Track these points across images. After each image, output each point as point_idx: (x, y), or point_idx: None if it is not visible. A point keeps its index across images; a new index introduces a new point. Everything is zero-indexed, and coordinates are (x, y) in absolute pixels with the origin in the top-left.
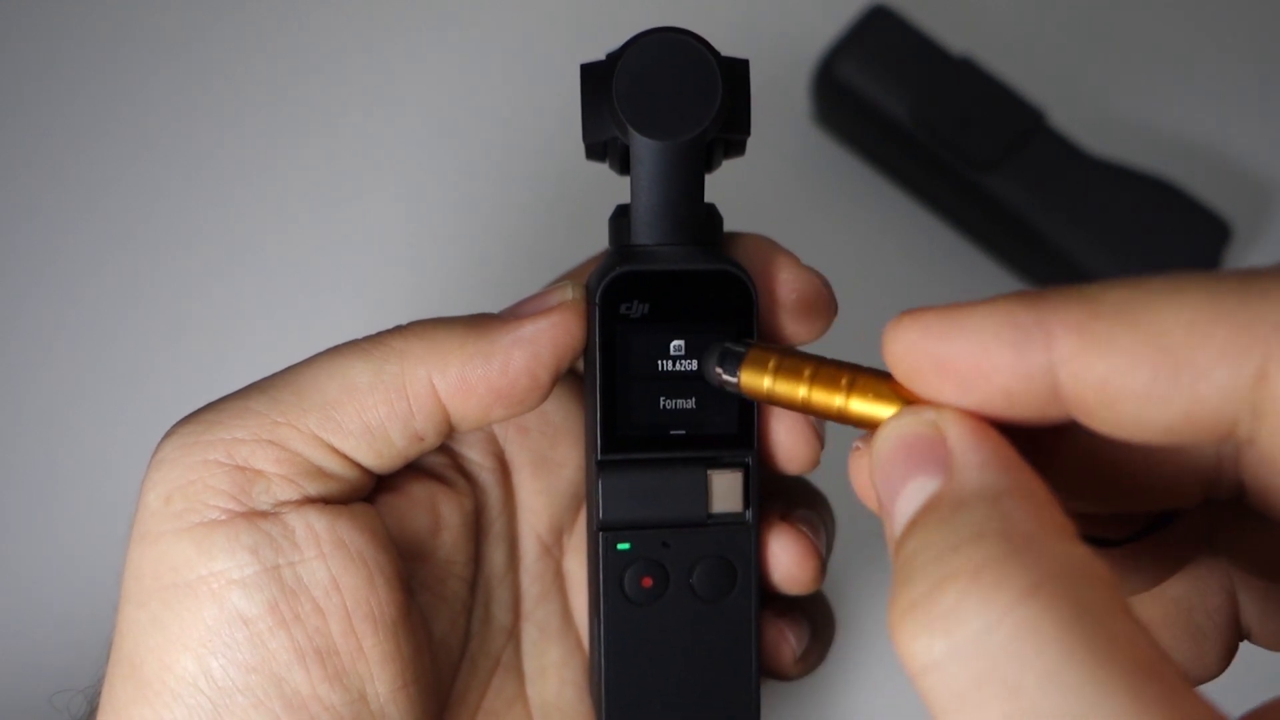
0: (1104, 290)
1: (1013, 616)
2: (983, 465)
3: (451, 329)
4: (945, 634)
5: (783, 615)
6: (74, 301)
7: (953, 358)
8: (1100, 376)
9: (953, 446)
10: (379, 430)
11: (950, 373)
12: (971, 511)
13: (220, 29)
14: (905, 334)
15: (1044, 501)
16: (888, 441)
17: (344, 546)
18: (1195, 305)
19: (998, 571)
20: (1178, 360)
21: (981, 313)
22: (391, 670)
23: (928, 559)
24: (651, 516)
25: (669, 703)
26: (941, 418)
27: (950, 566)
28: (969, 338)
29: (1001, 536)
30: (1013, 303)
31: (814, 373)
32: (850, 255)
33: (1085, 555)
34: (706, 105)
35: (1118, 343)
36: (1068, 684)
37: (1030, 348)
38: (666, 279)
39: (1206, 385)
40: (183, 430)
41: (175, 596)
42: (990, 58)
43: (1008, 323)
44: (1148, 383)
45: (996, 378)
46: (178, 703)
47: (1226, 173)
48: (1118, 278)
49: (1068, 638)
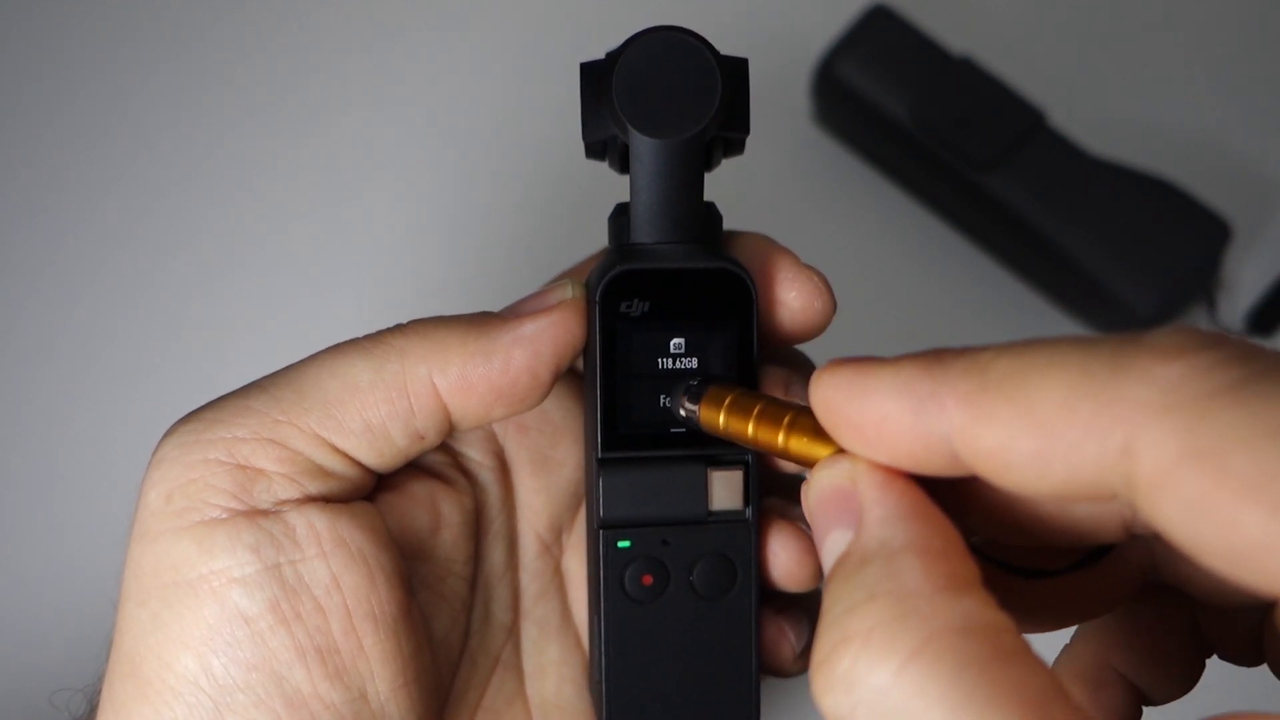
0: (993, 359)
1: (902, 677)
2: (883, 520)
3: (452, 327)
4: (846, 693)
5: (783, 613)
6: (73, 300)
7: (860, 417)
8: (988, 447)
9: (862, 500)
10: (380, 429)
11: (859, 430)
12: (869, 570)
13: (219, 29)
14: (822, 388)
15: (940, 553)
16: (813, 490)
17: (345, 545)
18: (1068, 380)
19: (884, 635)
20: (1051, 435)
21: (887, 376)
22: (392, 669)
23: (831, 619)
24: (652, 514)
25: (669, 700)
26: (856, 469)
27: (847, 629)
28: (873, 401)
29: (892, 598)
30: (914, 368)
31: (760, 411)
32: (850, 255)
33: (973, 607)
34: (706, 104)
35: (1001, 417)
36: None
37: (927, 417)
38: (666, 277)
39: (1079, 459)
40: (183, 429)
41: (176, 595)
42: (990, 58)
43: (906, 391)
44: (1029, 454)
45: (900, 440)
46: (178, 701)
47: (1226, 173)
48: (1008, 344)
49: (951, 694)
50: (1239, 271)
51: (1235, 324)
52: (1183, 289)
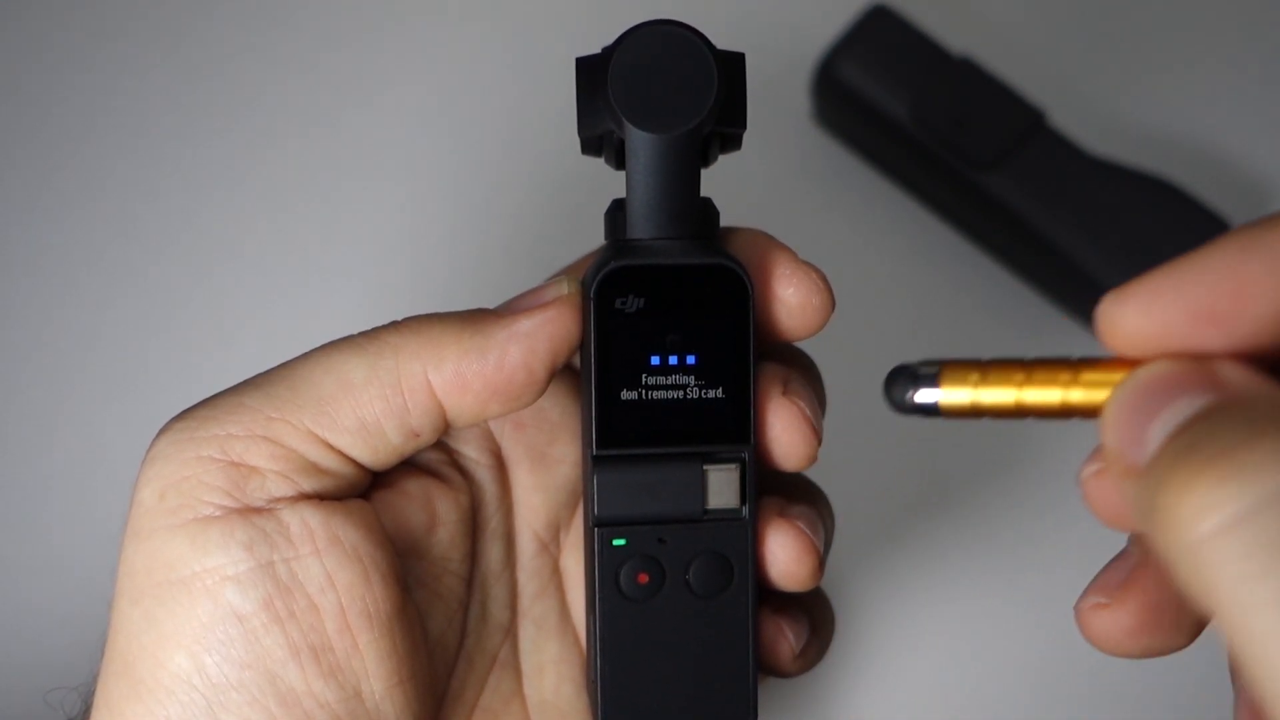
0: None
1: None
2: (1255, 382)
3: (447, 324)
4: (1256, 486)
5: (781, 611)
6: (66, 298)
7: (1208, 299)
8: None
9: (1219, 369)
10: (374, 426)
11: (1209, 315)
12: (1260, 404)
13: (214, 23)
14: (1133, 302)
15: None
16: (1140, 377)
17: (339, 543)
18: None
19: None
20: None
21: (1213, 249)
22: (387, 667)
23: (1222, 428)
24: (647, 512)
25: (666, 699)
26: (1200, 360)
27: (1259, 426)
28: (1219, 273)
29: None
30: (1244, 231)
31: (1028, 374)
32: (850, 255)
33: None
34: (702, 98)
35: None
36: None
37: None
38: (662, 273)
39: None
40: (177, 426)
41: (169, 593)
42: (990, 58)
43: (1253, 244)
44: None
45: (1264, 303)
46: (172, 700)
47: (1226, 173)
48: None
49: None
50: None
51: None
52: None
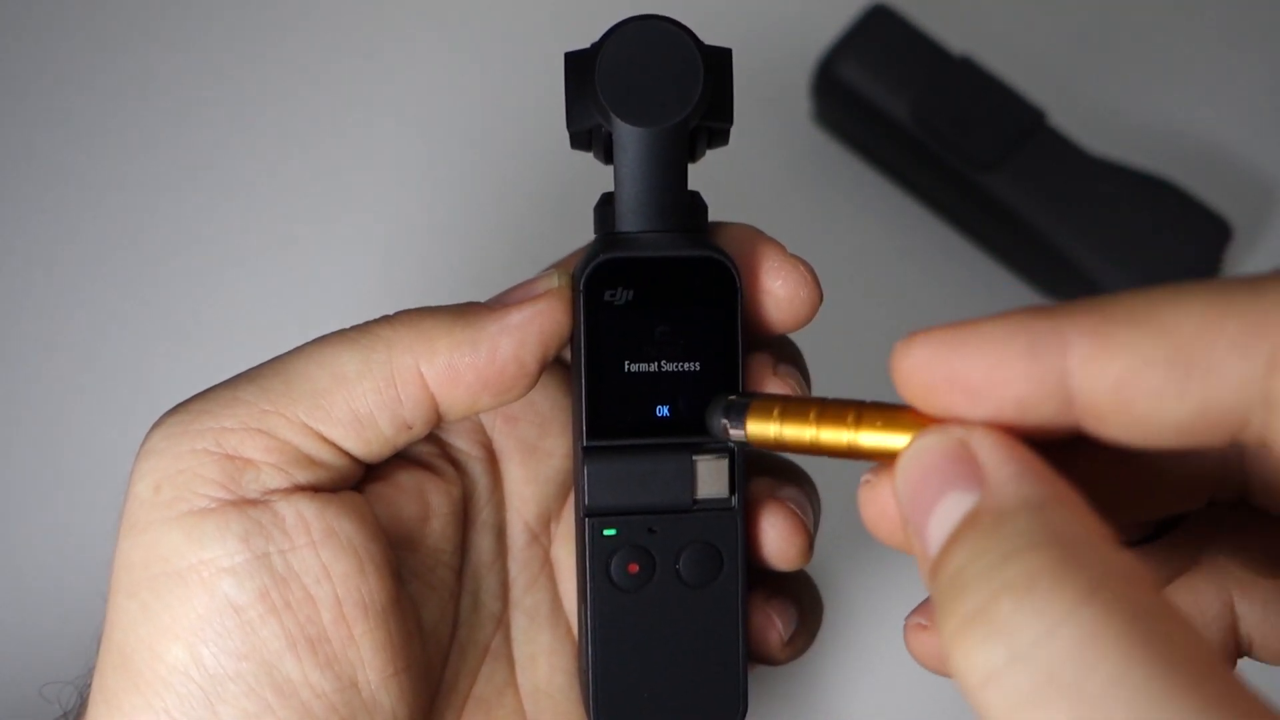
0: (1115, 298)
1: (1071, 621)
2: (1018, 476)
3: (439, 317)
4: (1005, 643)
5: (770, 600)
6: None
7: (966, 370)
8: (1114, 379)
9: (984, 461)
10: (367, 418)
11: (963, 386)
12: (1017, 521)
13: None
14: (916, 351)
15: (1084, 509)
16: (915, 460)
17: (334, 534)
18: (1205, 304)
19: (1052, 578)
20: (1190, 357)
21: (994, 324)
22: (382, 657)
23: (979, 570)
24: (637, 502)
25: (657, 688)
26: (969, 434)
27: (1004, 576)
28: (983, 348)
29: (1052, 543)
30: (1025, 313)
31: (819, 412)
32: (850, 255)
33: (1131, 559)
34: (688, 92)
35: (1131, 344)
36: (1133, 686)
37: (1045, 354)
38: (650, 266)
39: (1218, 379)
40: (172, 420)
41: (165, 585)
42: (990, 58)
43: (1022, 331)
44: (1161, 382)
45: (1010, 387)
46: (169, 691)
47: (1226, 173)
48: (1127, 289)
49: (1128, 640)
50: (1239, 272)
51: None
52: None
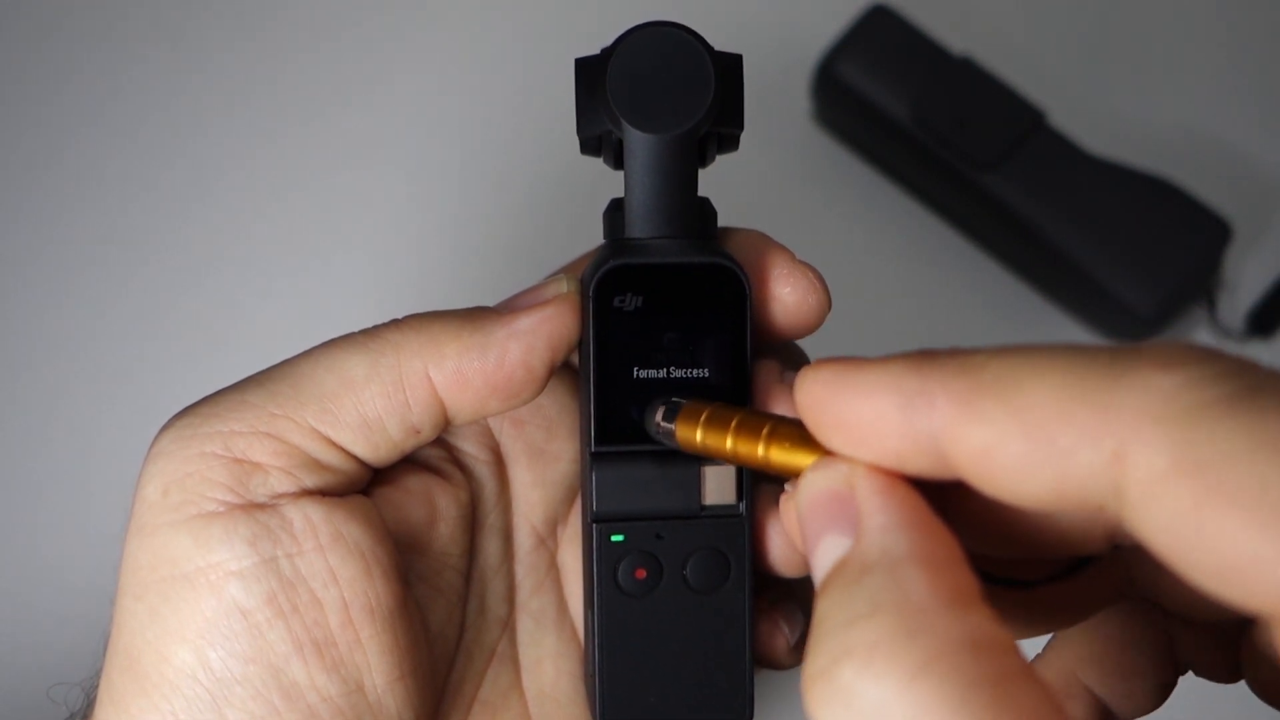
0: (987, 361)
1: (906, 694)
2: (886, 528)
3: (447, 322)
4: (845, 707)
5: (777, 605)
6: (68, 296)
7: (849, 415)
8: (977, 447)
9: (860, 505)
10: (375, 423)
11: (846, 429)
12: (871, 580)
13: (213, 20)
14: (808, 385)
15: (944, 564)
16: (804, 493)
17: (341, 538)
18: (1063, 384)
19: (889, 650)
20: (1043, 438)
21: (875, 373)
22: (389, 661)
23: (829, 629)
24: (645, 508)
25: (663, 693)
26: (854, 473)
27: (847, 642)
28: (860, 398)
29: (896, 611)
30: (903, 367)
31: (738, 424)
32: (850, 255)
33: (979, 623)
34: (699, 99)
35: (992, 416)
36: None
37: (915, 414)
38: (659, 272)
39: (1069, 464)
40: (180, 423)
41: (173, 588)
42: (990, 58)
43: (895, 387)
44: (1018, 456)
45: (887, 439)
46: (176, 694)
47: (1226, 173)
48: (1001, 346)
49: (957, 713)
50: (1239, 271)
51: (1235, 324)
52: (1183, 289)
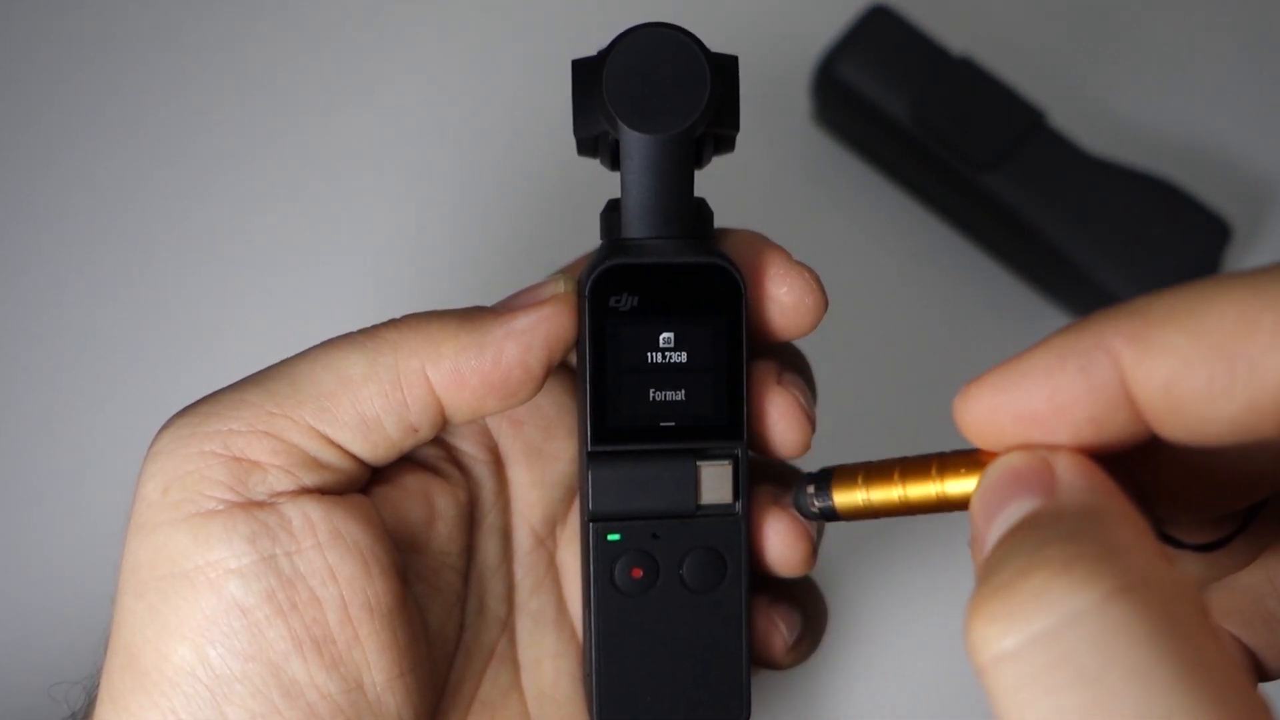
0: (1151, 300)
1: (1102, 610)
2: (1085, 489)
3: (445, 321)
4: (1026, 620)
5: (775, 604)
6: (66, 295)
7: (1030, 405)
8: (1163, 382)
9: (1059, 473)
10: (374, 422)
11: (1031, 419)
12: (1070, 519)
13: (213, 19)
14: (975, 401)
15: (1142, 528)
16: (994, 471)
17: (340, 537)
18: (1240, 299)
19: (1091, 566)
20: (1230, 354)
21: (1038, 354)
22: (388, 659)
23: (1019, 549)
24: (641, 508)
25: (660, 693)
26: (1051, 452)
27: (1042, 555)
28: (1037, 380)
29: (1098, 539)
30: (1064, 335)
31: (902, 471)
32: (850, 255)
33: (1176, 574)
34: (695, 99)
35: (1173, 346)
36: (1154, 683)
37: (1096, 368)
38: (655, 272)
39: (1261, 375)
40: (179, 422)
41: (173, 586)
42: (990, 58)
43: (1068, 352)
44: (1207, 381)
45: (1075, 409)
46: (175, 691)
47: (1226, 173)
48: (1165, 289)
49: (1158, 639)
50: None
51: None
52: None
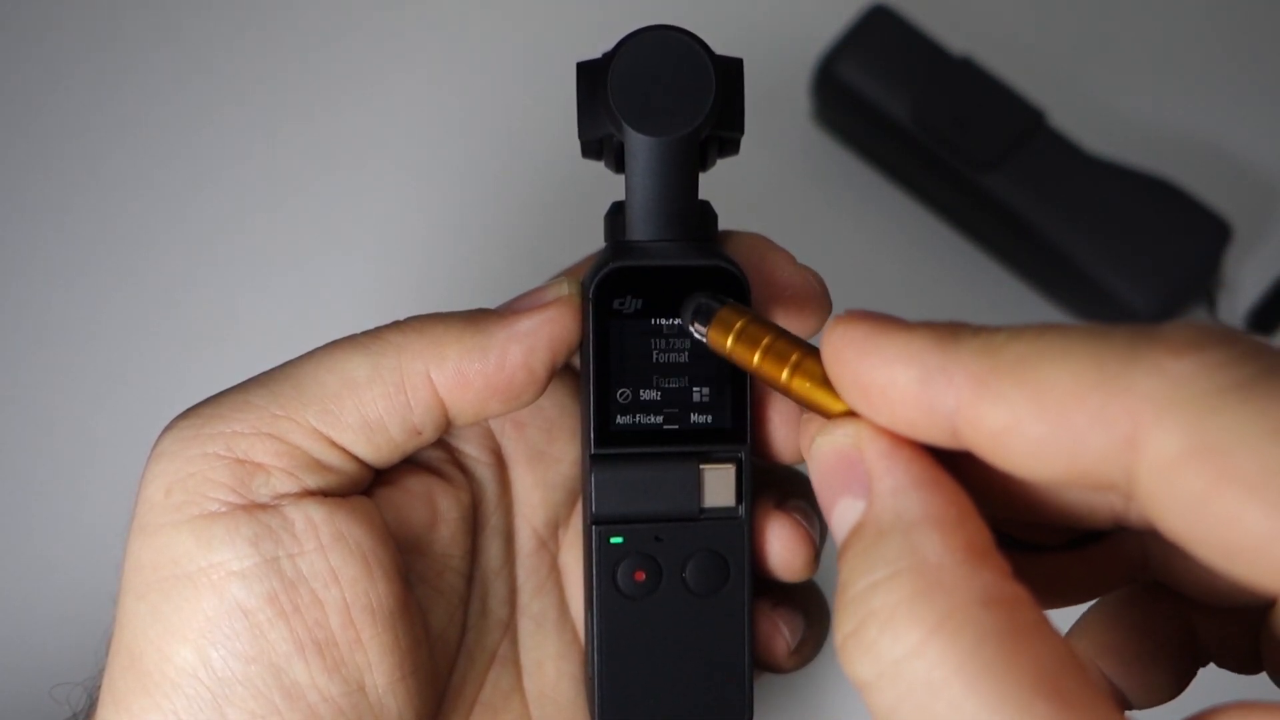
0: (1008, 341)
1: (924, 651)
2: (895, 490)
3: (449, 324)
4: (873, 664)
5: (777, 608)
6: (69, 296)
7: (867, 377)
8: (994, 428)
9: (870, 469)
10: (377, 424)
11: (864, 392)
12: (887, 544)
13: (216, 19)
14: (834, 339)
15: (956, 522)
16: (816, 456)
17: (343, 539)
18: (1079, 368)
19: (909, 610)
20: (1058, 421)
21: (900, 341)
22: (390, 662)
23: (854, 594)
24: (644, 510)
25: (662, 695)
26: (860, 435)
27: (871, 605)
28: (882, 364)
29: (912, 573)
30: (927, 339)
31: (769, 344)
32: (850, 255)
33: (993, 580)
34: (700, 102)
35: (1010, 399)
36: (972, 710)
37: (933, 389)
38: (659, 274)
39: (1083, 446)
40: (183, 424)
41: (175, 588)
42: (990, 58)
43: (916, 360)
44: (1034, 439)
45: (904, 407)
46: (177, 693)
47: (1226, 173)
48: (1023, 326)
49: (971, 667)
50: (1239, 271)
51: (1235, 324)
52: (1183, 289)
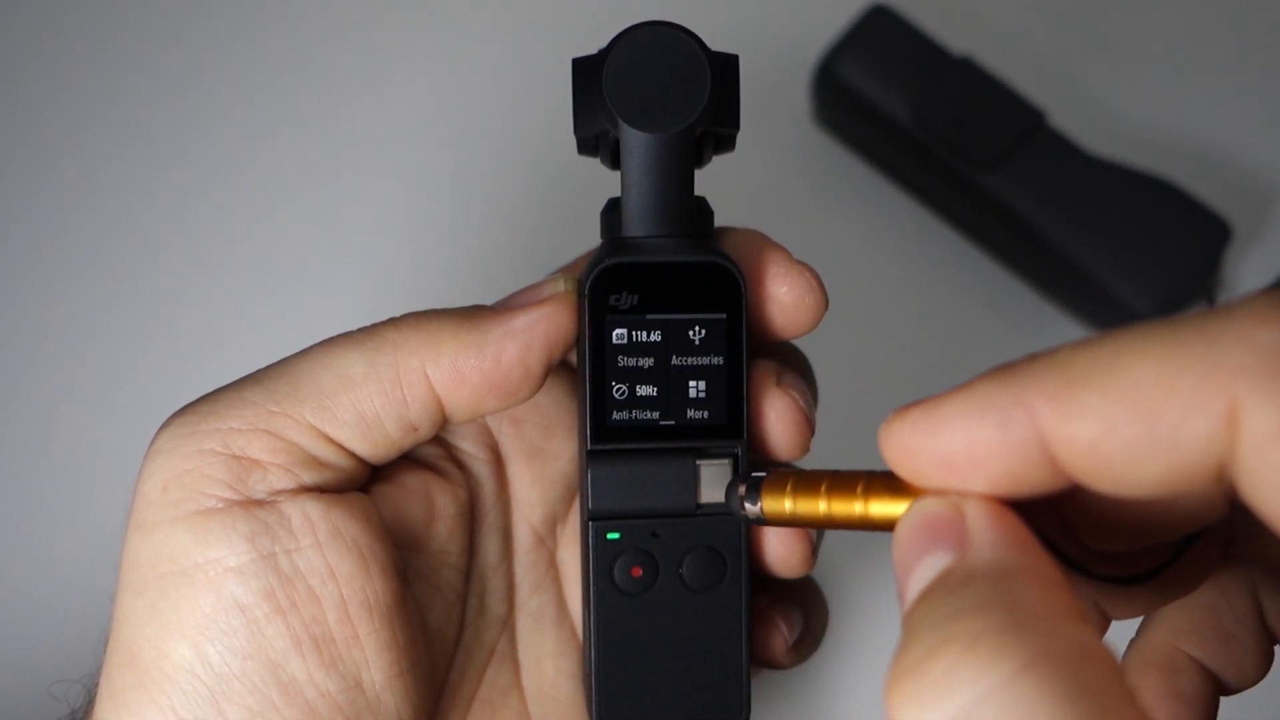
0: (1074, 354)
1: (1008, 689)
2: (996, 544)
3: (445, 320)
4: (936, 702)
5: (775, 604)
6: (65, 294)
7: (948, 450)
8: (1086, 441)
9: (970, 525)
10: (373, 420)
11: (948, 465)
12: (979, 584)
13: (213, 20)
14: (896, 435)
15: (1052, 583)
16: (907, 521)
17: (340, 535)
18: (1159, 358)
19: (996, 642)
20: (1152, 415)
21: (961, 401)
22: (387, 658)
23: (929, 624)
24: (641, 506)
25: (660, 692)
26: (963, 501)
27: (948, 631)
28: (955, 429)
29: (1004, 608)
30: (989, 384)
31: (829, 485)
32: (850, 255)
33: (1087, 637)
34: (695, 98)
35: (1094, 408)
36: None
37: (1014, 426)
38: (655, 271)
39: (1183, 437)
40: (179, 420)
41: (172, 584)
42: (990, 58)
43: (987, 406)
44: (1130, 441)
45: (993, 462)
46: (175, 689)
47: (1226, 173)
48: (1082, 339)
49: (1063, 713)
50: (1239, 271)
51: None
52: (1183, 289)
